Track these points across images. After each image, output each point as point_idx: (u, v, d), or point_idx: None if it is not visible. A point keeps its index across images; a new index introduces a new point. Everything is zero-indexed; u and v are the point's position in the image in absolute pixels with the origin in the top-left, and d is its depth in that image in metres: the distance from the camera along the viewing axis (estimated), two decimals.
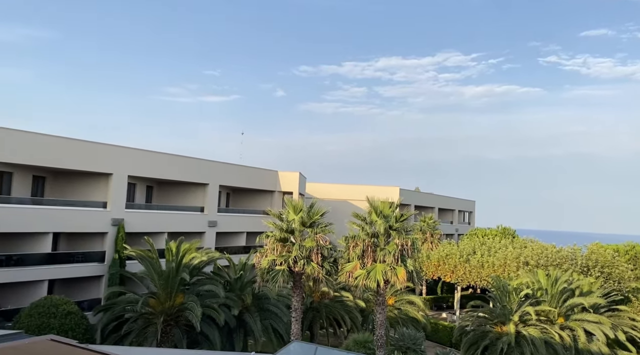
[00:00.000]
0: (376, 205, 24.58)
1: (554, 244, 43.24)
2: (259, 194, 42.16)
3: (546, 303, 28.24)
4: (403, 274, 22.78)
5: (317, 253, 23.14)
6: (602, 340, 26.90)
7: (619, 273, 37.27)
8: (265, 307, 26.52)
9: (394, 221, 24.21)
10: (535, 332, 25.87)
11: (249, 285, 26.69)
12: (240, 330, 25.48)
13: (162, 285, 24.03)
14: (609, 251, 40.90)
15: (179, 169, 32.91)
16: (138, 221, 29.26)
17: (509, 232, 58.28)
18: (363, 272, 23.35)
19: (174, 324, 23.64)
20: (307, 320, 29.21)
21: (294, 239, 23.77)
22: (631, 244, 59.46)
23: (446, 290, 53.67)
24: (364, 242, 23.66)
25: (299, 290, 24.08)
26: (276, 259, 22.97)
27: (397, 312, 31.24)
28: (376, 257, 23.49)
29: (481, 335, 27.12)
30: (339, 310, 29.73)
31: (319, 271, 22.97)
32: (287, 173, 42.49)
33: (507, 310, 27.27)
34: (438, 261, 44.07)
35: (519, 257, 38.95)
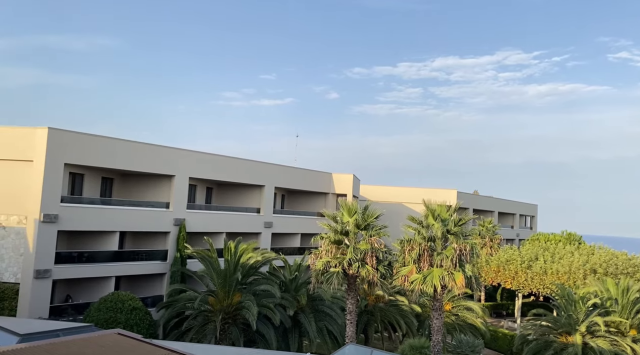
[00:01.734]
0: (433, 208, 24.07)
1: (626, 251, 40.67)
2: (313, 196, 42.49)
3: (616, 314, 26.57)
4: (461, 280, 22.17)
5: (372, 256, 22.98)
6: None
7: None
8: (319, 309, 26.63)
9: (452, 225, 23.61)
10: (605, 344, 24.39)
11: (304, 286, 26.90)
12: (295, 331, 25.72)
13: (221, 284, 24.70)
14: None
15: (237, 171, 33.80)
16: (198, 221, 30.31)
17: (575, 237, 55.46)
18: (419, 276, 22.92)
19: (232, 322, 24.22)
20: (361, 323, 29.05)
21: (348, 241, 23.72)
22: None
23: (506, 297, 51.71)
24: (420, 246, 23.23)
25: (353, 293, 24.01)
26: (330, 261, 23.02)
27: (455, 318, 30.45)
28: (433, 261, 23.00)
29: (544, 345, 25.90)
30: (394, 314, 29.35)
31: (373, 274, 22.80)
32: (341, 175, 42.55)
33: (572, 320, 25.88)
34: (498, 267, 42.52)
35: (585, 265, 36.90)
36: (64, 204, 23.97)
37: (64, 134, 24.13)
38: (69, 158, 24.45)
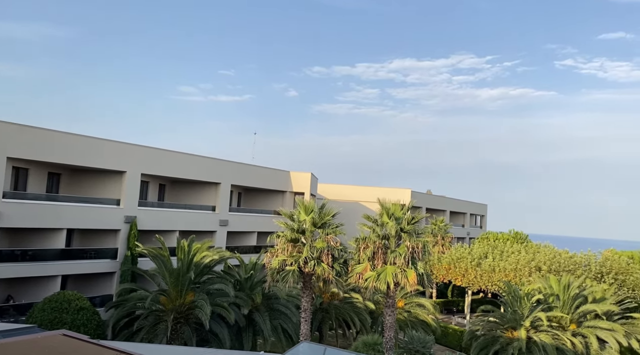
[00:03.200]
0: (387, 207, 24.51)
1: (567, 249, 42.76)
2: (270, 194, 42.28)
3: (558, 309, 27.93)
4: (413, 277, 22.69)
5: (328, 254, 23.14)
6: (614, 348, 26.51)
7: (634, 280, 36.70)
8: (274, 307, 26.56)
9: (405, 223, 24.11)
10: (547, 338, 25.59)
11: (259, 284, 26.75)
12: (250, 330, 25.55)
13: (173, 283, 24.20)
14: (624, 258, 40.31)
15: (192, 167, 33.16)
16: (150, 219, 29.53)
17: (522, 236, 57.81)
18: (373, 274, 23.29)
19: (184, 322, 23.78)
20: (316, 320, 29.20)
21: (305, 239, 23.78)
22: None
23: (457, 294, 53.31)
24: (375, 244, 23.60)
25: (308, 291, 24.10)
26: (287, 259, 23.00)
27: (407, 315, 31.11)
28: (387, 259, 23.42)
29: (491, 340, 26.89)
30: (349, 311, 29.67)
31: (329, 272, 22.96)
32: (299, 173, 42.56)
33: (518, 316, 27.00)
34: (449, 264, 43.77)
35: (531, 262, 38.55)
36: (6, 200, 22.80)
37: (6, 126, 22.93)
38: (12, 152, 23.26)
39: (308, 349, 16.28)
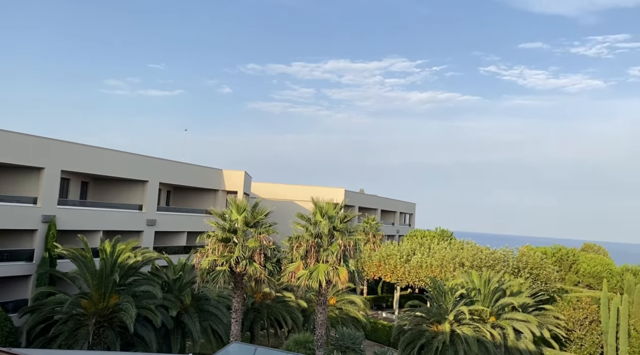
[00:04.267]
0: (321, 206, 24.72)
1: (489, 246, 45.20)
2: (201, 193, 41.29)
3: (479, 303, 29.49)
4: (345, 274, 23.04)
5: (260, 253, 22.96)
6: (529, 338, 28.44)
7: (546, 274, 39.52)
8: (205, 308, 25.97)
9: (338, 222, 24.44)
10: (469, 330, 26.95)
11: (189, 285, 26.06)
12: (178, 332, 24.81)
13: (96, 286, 22.99)
14: (538, 253, 43.29)
15: (117, 164, 31.61)
16: (71, 218, 27.83)
17: (447, 234, 60.41)
18: (306, 272, 23.40)
19: (107, 326, 22.66)
20: (247, 321, 28.92)
21: (237, 239, 23.44)
22: (557, 247, 63.39)
23: (386, 290, 54.82)
24: (308, 243, 23.73)
25: (239, 291, 23.79)
26: (217, 260, 22.56)
27: (338, 312, 31.56)
28: (319, 257, 23.62)
29: (418, 334, 27.91)
30: (281, 310, 29.63)
31: (261, 272, 22.79)
32: (232, 172, 41.88)
33: (443, 310, 28.21)
34: (379, 261, 44.93)
35: (455, 259, 40.42)
36: None
37: None
38: None
39: (238, 349, 16.11)
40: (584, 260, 61.20)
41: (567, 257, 61.61)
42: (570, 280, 59.68)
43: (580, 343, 34.26)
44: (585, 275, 59.91)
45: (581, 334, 34.24)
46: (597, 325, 34.33)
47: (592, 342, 34.05)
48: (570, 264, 61.30)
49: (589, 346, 34.06)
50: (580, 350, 34.02)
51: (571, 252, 62.71)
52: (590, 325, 34.38)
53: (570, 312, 34.77)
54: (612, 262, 63.64)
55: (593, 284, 58.14)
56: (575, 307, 35.27)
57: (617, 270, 59.80)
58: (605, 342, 33.53)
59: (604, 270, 59.08)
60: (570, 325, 34.27)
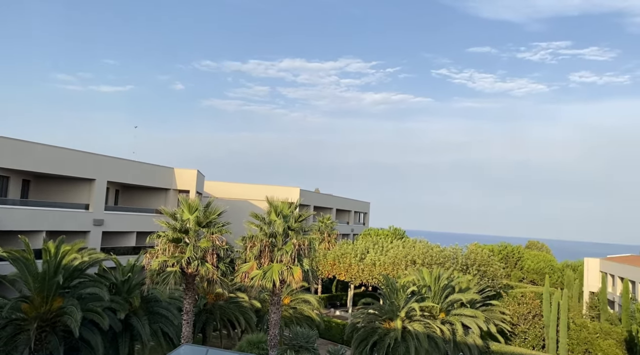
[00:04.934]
0: (276, 205, 24.57)
1: (439, 244, 46.47)
2: (152, 192, 40.19)
3: (430, 299, 30.23)
4: (299, 274, 23.00)
5: (213, 254, 22.57)
6: (476, 333, 29.43)
7: (493, 271, 41.05)
8: (155, 310, 25.26)
9: (293, 221, 24.37)
10: (420, 327, 27.57)
11: (138, 287, 25.25)
12: (127, 335, 24.00)
13: (38, 289, 21.88)
14: (486, 251, 44.90)
15: (61, 162, 30.24)
16: (11, 218, 26.41)
17: (400, 232, 61.60)
18: (259, 272, 23.20)
19: (50, 330, 21.62)
20: (200, 322, 28.38)
21: (189, 239, 22.95)
22: (504, 245, 65.98)
23: (340, 288, 55.28)
24: (262, 242, 23.53)
25: (191, 292, 23.31)
26: (168, 260, 22.00)
27: (292, 312, 31.51)
28: (273, 257, 23.48)
29: (371, 332, 28.28)
30: (234, 311, 29.27)
31: (213, 272, 22.41)
32: (184, 170, 40.99)
33: (395, 307, 28.73)
34: (334, 260, 45.24)
35: (407, 256, 41.27)
36: None
37: None
38: None
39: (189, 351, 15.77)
40: (528, 257, 64.04)
41: (512, 255, 64.26)
42: (516, 277, 62.28)
43: (524, 337, 35.80)
44: (529, 271, 62.68)
45: (525, 328, 35.78)
46: (539, 319, 35.98)
47: (535, 335, 35.65)
48: (515, 261, 63.97)
49: (532, 339, 35.64)
50: (524, 344, 35.53)
51: (516, 250, 65.46)
52: (534, 319, 35.99)
53: (515, 307, 36.25)
54: (554, 258, 66.94)
55: (536, 279, 60.93)
56: (519, 302, 36.80)
57: (559, 267, 62.95)
58: (547, 335, 35.19)
59: (546, 266, 62.04)
60: (515, 319, 35.73)
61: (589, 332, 34.66)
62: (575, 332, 35.00)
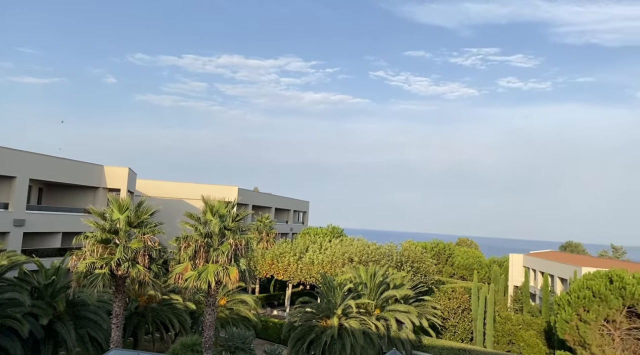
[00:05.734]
0: (212, 204, 24.13)
1: (375, 242, 47.53)
2: (80, 190, 38.20)
3: (366, 296, 30.88)
4: (235, 274, 22.73)
5: (144, 255, 21.79)
6: (409, 328, 30.42)
7: (426, 267, 42.56)
8: (81, 315, 24.04)
9: (230, 221, 24.03)
10: (355, 323, 28.09)
11: (63, 291, 23.90)
12: (50, 341, 22.68)
13: None
14: (419, 248, 46.50)
15: None
16: None
17: (338, 231, 62.38)
18: (194, 273, 22.70)
19: None
20: (130, 326, 27.31)
21: (119, 240, 22.02)
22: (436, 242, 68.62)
23: (278, 288, 55.17)
24: (197, 243, 23.03)
25: (121, 295, 22.40)
26: (96, 262, 21.01)
27: (229, 312, 31.06)
28: (209, 257, 23.05)
29: (307, 330, 28.46)
30: (167, 313, 28.41)
31: (145, 274, 21.64)
32: (115, 168, 39.28)
33: (332, 305, 29.08)
34: (272, 260, 45.05)
35: (344, 254, 41.88)
36: None
37: None
38: None
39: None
40: (459, 253, 66.99)
41: (444, 251, 66.96)
42: (447, 272, 64.97)
43: (454, 330, 37.43)
44: (459, 267, 65.60)
45: (455, 321, 37.41)
46: (468, 313, 37.75)
47: (464, 328, 37.37)
48: (446, 258, 66.71)
49: (461, 332, 37.33)
50: (454, 337, 37.14)
51: (447, 247, 68.28)
52: (463, 313, 37.71)
53: (445, 302, 37.80)
54: (482, 255, 70.50)
55: (466, 275, 63.86)
56: (450, 297, 38.43)
57: (486, 263, 66.38)
58: (475, 328, 36.99)
59: (475, 262, 65.19)
60: (446, 314, 37.28)
61: (513, 324, 36.81)
62: (501, 324, 37.04)
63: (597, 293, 27.56)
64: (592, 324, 27.55)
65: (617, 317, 27.54)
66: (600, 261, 46.95)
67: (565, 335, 28.63)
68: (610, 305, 27.24)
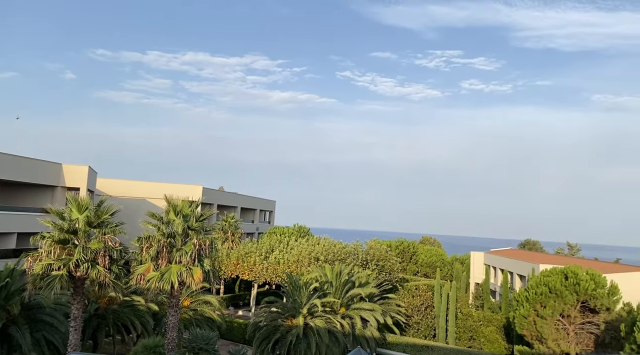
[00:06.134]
0: (175, 204, 23.72)
1: (342, 241, 47.80)
2: (37, 190, 36.86)
3: (331, 295, 31.04)
4: (199, 275, 22.43)
5: (105, 255, 21.23)
6: (374, 325, 30.77)
7: (390, 265, 43.11)
8: (38, 318, 23.21)
9: (194, 221, 23.69)
10: (321, 322, 28.21)
11: (18, 293, 23.03)
12: (4, 346, 21.81)
13: None
14: (384, 246, 47.00)
15: None
16: None
17: (304, 230, 62.42)
18: (156, 274, 22.27)
19: None
20: (90, 328, 26.55)
21: (78, 240, 21.37)
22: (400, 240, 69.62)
23: (244, 288, 54.75)
24: (159, 243, 22.60)
25: (80, 297, 21.75)
26: (53, 263, 20.33)
27: (193, 313, 30.61)
28: (172, 258, 22.66)
29: (273, 330, 28.38)
30: (129, 315, 27.76)
31: (105, 275, 21.09)
32: (74, 166, 38.08)
33: (297, 304, 29.10)
34: (237, 260, 44.64)
35: (311, 254, 41.94)
36: None
37: None
38: None
39: None
40: (422, 251, 68.19)
41: (408, 249, 68.01)
42: (411, 270, 66.02)
43: (418, 327, 38.09)
44: (423, 265, 66.77)
45: (418, 319, 38.07)
46: (431, 310, 38.49)
47: (427, 325, 38.09)
48: (410, 256, 67.78)
49: (425, 329, 38.03)
50: (417, 334, 37.80)
51: (412, 245, 69.39)
52: (426, 310, 38.42)
53: (409, 300, 38.42)
54: (444, 253, 71.99)
55: (429, 273, 65.06)
56: (414, 294, 39.08)
57: (449, 260, 67.84)
58: (438, 324, 37.76)
59: (438, 260, 66.50)
60: (410, 311, 37.90)
61: (474, 320, 37.78)
62: (462, 320, 37.94)
63: (554, 289, 28.60)
64: (548, 319, 28.58)
65: (571, 312, 28.67)
66: (556, 258, 48.74)
67: (524, 331, 29.59)
68: (565, 300, 28.33)
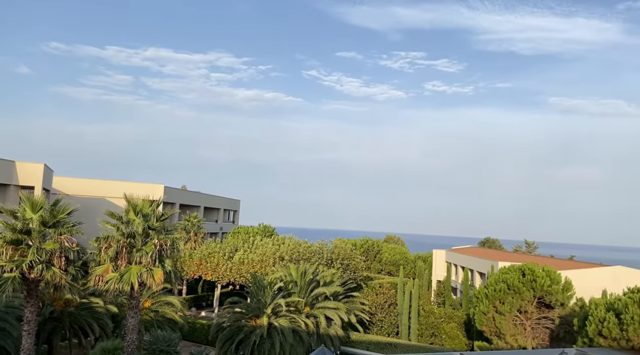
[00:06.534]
0: (135, 203, 23.16)
1: (307, 240, 47.79)
2: None
3: (296, 294, 30.98)
4: (160, 275, 21.99)
5: (61, 256, 20.50)
6: (338, 324, 30.91)
7: (355, 264, 43.44)
8: None
9: (154, 220, 23.19)
10: (285, 322, 28.12)
11: None
12: None
13: None
14: (349, 245, 47.33)
15: None
16: None
17: (269, 230, 62.09)
18: (115, 275, 21.68)
19: None
20: (45, 332, 25.57)
21: (32, 240, 20.54)
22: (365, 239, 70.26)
23: (207, 288, 53.99)
24: (119, 243, 22.02)
25: (34, 300, 20.92)
26: (5, 265, 19.48)
27: (154, 315, 29.91)
28: (132, 258, 22.12)
29: (236, 330, 28.11)
30: (86, 317, 26.89)
31: (61, 277, 20.37)
32: (28, 164, 36.57)
33: (261, 304, 28.90)
34: (200, 260, 43.96)
35: (275, 253, 41.76)
36: None
37: None
38: None
39: None
40: (386, 250, 69.02)
41: (372, 248, 68.70)
42: (375, 269, 66.73)
43: (381, 325, 38.53)
44: (387, 263, 67.59)
45: (382, 316, 38.51)
46: (394, 307, 39.01)
47: (390, 323, 38.58)
48: (375, 254, 68.50)
49: (388, 327, 38.51)
50: (380, 332, 38.23)
51: (376, 243, 70.13)
52: (389, 308, 38.90)
53: (373, 298, 38.81)
54: (408, 251, 73.07)
55: (393, 271, 65.91)
56: (377, 292, 39.50)
57: (412, 258, 68.90)
58: (400, 322, 38.31)
59: (401, 258, 67.45)
60: (373, 309, 38.29)
61: (436, 317, 38.52)
62: (425, 317, 38.62)
63: (512, 286, 29.49)
64: (506, 315, 29.45)
65: (528, 307, 29.64)
66: (514, 256, 50.30)
67: (483, 327, 30.38)
68: (522, 296, 29.26)
